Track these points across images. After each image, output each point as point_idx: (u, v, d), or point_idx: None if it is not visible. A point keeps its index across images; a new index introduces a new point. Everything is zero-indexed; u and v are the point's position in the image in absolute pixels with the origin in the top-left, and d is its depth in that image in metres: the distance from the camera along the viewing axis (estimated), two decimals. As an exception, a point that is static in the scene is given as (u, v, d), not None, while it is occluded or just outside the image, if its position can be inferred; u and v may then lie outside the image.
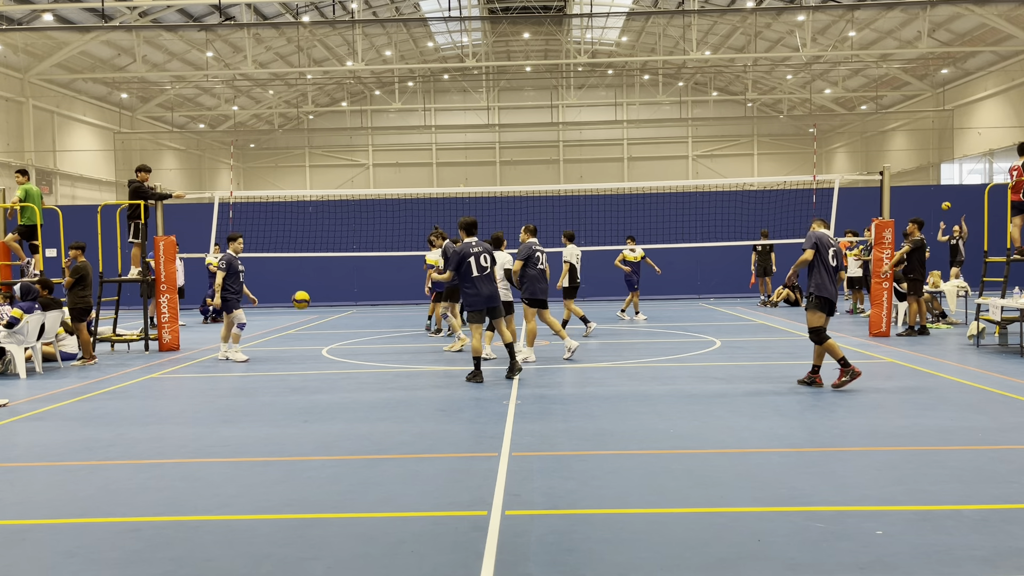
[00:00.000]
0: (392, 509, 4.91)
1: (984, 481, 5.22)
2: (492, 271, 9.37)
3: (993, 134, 34.16)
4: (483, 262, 9.29)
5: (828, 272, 8.53)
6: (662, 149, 48.70)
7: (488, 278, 9.32)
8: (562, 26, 39.68)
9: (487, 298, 9.31)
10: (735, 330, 14.63)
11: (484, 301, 9.29)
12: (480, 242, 9.45)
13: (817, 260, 8.54)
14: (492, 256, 9.41)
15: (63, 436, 7.12)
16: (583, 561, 4.05)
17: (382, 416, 7.64)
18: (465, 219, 9.51)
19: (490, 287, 9.33)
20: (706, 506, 4.85)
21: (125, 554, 4.27)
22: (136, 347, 13.88)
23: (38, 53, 32.82)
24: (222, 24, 28.05)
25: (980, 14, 29.61)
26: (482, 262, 9.29)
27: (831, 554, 4.06)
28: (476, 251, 9.27)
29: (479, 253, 9.28)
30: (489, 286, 9.32)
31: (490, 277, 9.34)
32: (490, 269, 9.33)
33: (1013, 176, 11.76)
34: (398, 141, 49.40)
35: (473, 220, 9.53)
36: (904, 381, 9.14)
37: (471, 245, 9.32)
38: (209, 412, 8.05)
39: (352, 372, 10.60)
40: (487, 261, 9.32)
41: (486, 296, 9.29)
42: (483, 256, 9.30)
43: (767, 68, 42.76)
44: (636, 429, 6.89)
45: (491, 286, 9.34)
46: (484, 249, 9.36)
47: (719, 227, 20.21)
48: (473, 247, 9.30)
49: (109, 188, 39.00)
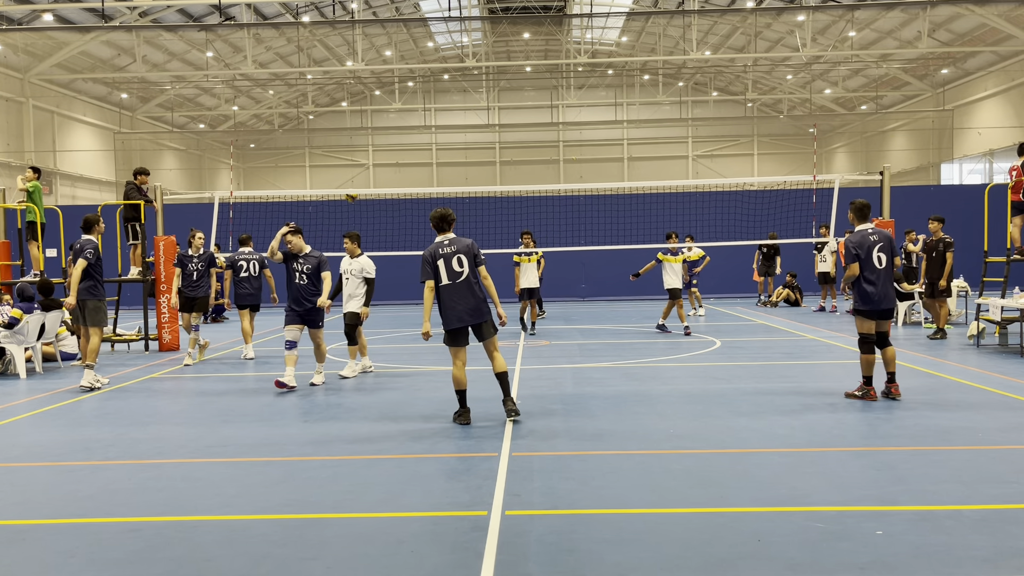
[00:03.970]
0: (392, 509, 4.90)
1: (984, 481, 5.22)
2: (471, 276, 7.22)
3: (993, 134, 34.15)
4: (456, 265, 7.18)
5: (873, 278, 7.80)
6: (662, 149, 48.70)
7: (465, 286, 7.18)
8: (562, 26, 39.68)
9: (461, 314, 7.17)
10: (735, 330, 14.63)
11: (455, 319, 7.17)
12: (457, 239, 7.31)
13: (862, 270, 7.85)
14: (471, 256, 7.25)
15: (63, 436, 7.12)
16: (583, 561, 4.05)
17: (382, 416, 7.64)
18: (435, 211, 7.42)
19: (467, 298, 7.18)
20: (706, 506, 4.85)
21: (125, 554, 4.27)
22: (136, 347, 13.89)
23: (38, 53, 32.81)
24: (222, 24, 28.04)
25: (980, 14, 29.61)
26: (455, 266, 7.18)
27: (831, 554, 4.06)
28: (446, 252, 7.21)
29: (450, 255, 7.20)
30: (466, 297, 7.18)
31: (467, 285, 7.19)
32: (467, 273, 7.20)
33: (1013, 176, 11.75)
34: (398, 141, 49.40)
35: (443, 212, 7.41)
36: (904, 381, 9.11)
37: (441, 245, 7.26)
38: (209, 412, 8.05)
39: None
40: (463, 264, 7.19)
41: (458, 312, 7.17)
42: (456, 258, 7.19)
43: (767, 68, 42.76)
44: (636, 429, 6.88)
45: (468, 297, 7.18)
46: (459, 248, 7.23)
47: (719, 227, 20.22)
48: (444, 247, 7.24)
49: (109, 188, 38.99)
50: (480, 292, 7.26)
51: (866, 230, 7.99)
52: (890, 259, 7.89)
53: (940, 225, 13.26)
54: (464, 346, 7.28)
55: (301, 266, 9.34)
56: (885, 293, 7.82)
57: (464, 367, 7.28)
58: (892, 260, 7.92)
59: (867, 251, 7.85)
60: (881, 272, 7.82)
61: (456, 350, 7.25)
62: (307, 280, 9.32)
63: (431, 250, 7.27)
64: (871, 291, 7.80)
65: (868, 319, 7.89)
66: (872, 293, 7.80)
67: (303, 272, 9.33)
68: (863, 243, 7.89)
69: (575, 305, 21.94)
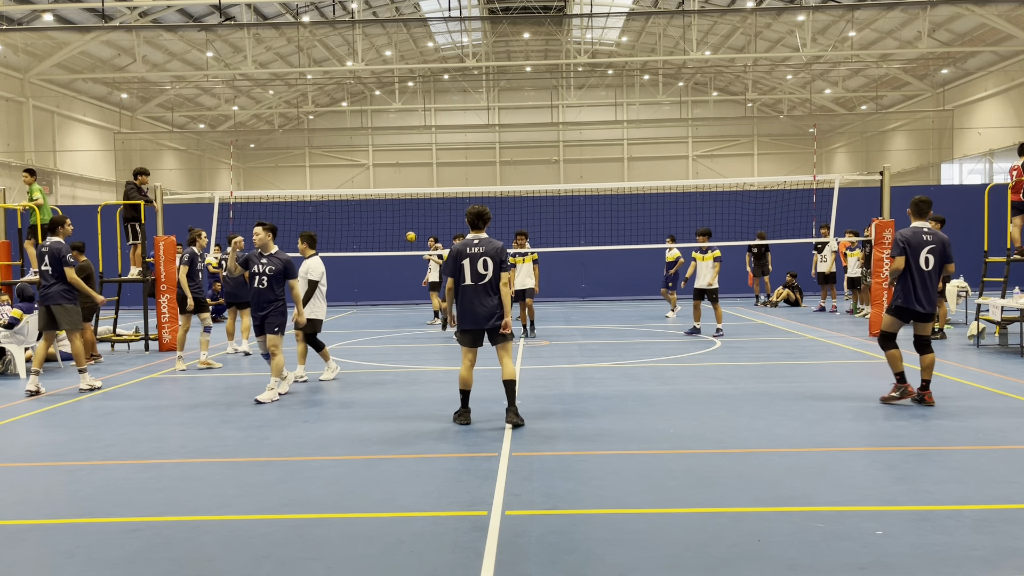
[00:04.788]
0: (392, 509, 4.90)
1: (984, 481, 5.22)
2: (492, 280, 7.14)
3: (993, 134, 34.16)
4: (481, 268, 7.10)
5: (918, 278, 7.53)
6: (662, 149, 48.70)
7: (485, 289, 7.11)
8: (562, 26, 39.69)
9: (479, 317, 7.12)
10: (735, 330, 14.62)
11: (472, 320, 7.13)
12: (487, 240, 7.21)
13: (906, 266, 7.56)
14: (498, 260, 7.15)
15: (63, 436, 7.12)
16: (583, 561, 4.05)
17: (382, 416, 7.64)
18: (472, 208, 7.36)
19: (486, 302, 7.11)
20: (706, 506, 4.85)
21: (125, 554, 4.27)
22: (136, 347, 13.89)
23: (38, 53, 32.82)
24: (222, 24, 28.05)
25: (980, 14, 29.61)
26: (479, 268, 7.10)
27: (831, 554, 4.06)
28: (473, 252, 7.13)
29: (477, 256, 7.12)
30: (484, 300, 7.11)
31: (488, 288, 7.12)
32: (491, 277, 7.12)
33: (1013, 176, 11.75)
34: (398, 141, 49.40)
35: (480, 209, 7.33)
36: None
37: (471, 244, 7.19)
38: (209, 412, 8.05)
39: (352, 372, 10.60)
40: (487, 267, 7.10)
41: (476, 314, 7.11)
42: (482, 260, 7.10)
43: (767, 68, 42.76)
44: (636, 429, 6.88)
45: (487, 301, 7.12)
46: (487, 251, 7.14)
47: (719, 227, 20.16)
48: (473, 247, 7.17)
49: (109, 188, 39.00)
50: (499, 298, 7.17)
51: (921, 227, 7.64)
52: (939, 264, 7.58)
53: (939, 226, 13.24)
54: (474, 347, 7.23)
55: (264, 267, 8.70)
56: (927, 296, 7.54)
57: (471, 368, 7.23)
58: (942, 266, 7.63)
59: (916, 249, 7.54)
60: (926, 274, 7.53)
61: (466, 349, 7.23)
62: (267, 284, 8.68)
63: (459, 247, 7.22)
64: (911, 291, 7.53)
65: (901, 319, 7.66)
66: (912, 293, 7.53)
67: (264, 274, 8.68)
68: (913, 240, 7.57)
69: (575, 305, 21.94)
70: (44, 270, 9.53)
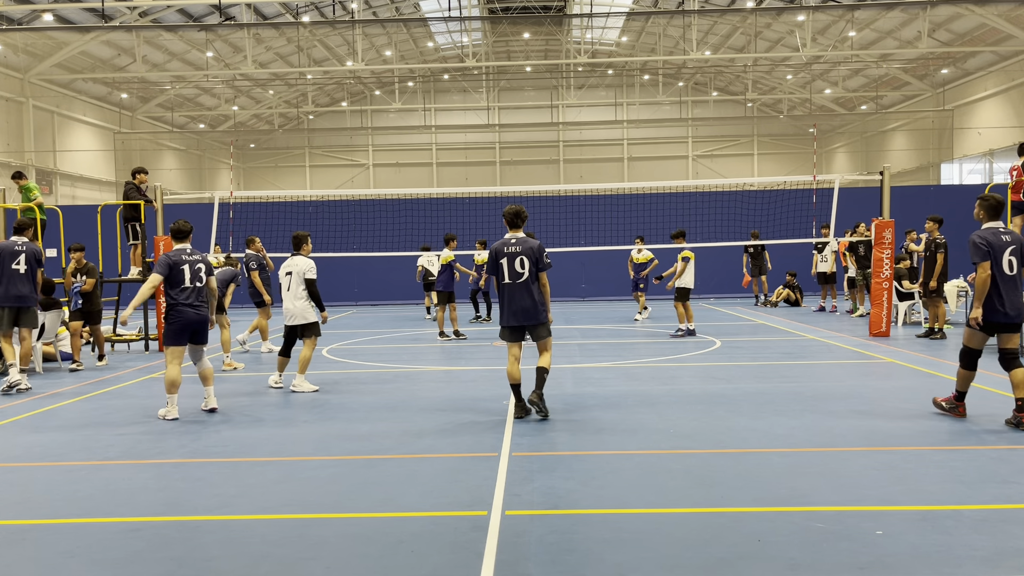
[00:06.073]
0: (392, 509, 4.90)
1: (984, 481, 5.22)
2: (530, 279, 7.39)
3: (993, 134, 34.15)
4: (518, 267, 7.36)
5: (1000, 283, 6.75)
6: (662, 149, 48.70)
7: (523, 287, 7.37)
8: (562, 26, 39.68)
9: (517, 313, 7.40)
10: (735, 330, 14.63)
11: (512, 316, 7.42)
12: (524, 240, 7.47)
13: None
14: (534, 259, 7.39)
15: (63, 436, 7.12)
16: (583, 561, 4.05)
17: (382, 416, 7.64)
18: (509, 207, 7.63)
19: (524, 299, 7.38)
20: (706, 506, 4.85)
21: (125, 554, 4.27)
22: (136, 347, 13.89)
23: (38, 53, 32.81)
24: (222, 24, 28.05)
25: (980, 14, 29.61)
26: (517, 267, 7.36)
27: (831, 554, 4.06)
28: (510, 251, 7.40)
29: (514, 255, 7.38)
30: (523, 297, 7.38)
31: (526, 286, 7.37)
32: (527, 275, 7.36)
33: (1013, 176, 11.74)
34: (398, 141, 49.40)
35: (517, 209, 7.58)
36: (904, 381, 9.14)
37: (508, 243, 7.45)
38: (209, 412, 8.04)
39: (352, 372, 10.60)
40: (523, 266, 7.35)
41: (515, 311, 7.40)
42: (519, 259, 7.36)
43: (767, 68, 42.76)
44: (636, 429, 6.88)
45: (526, 298, 7.38)
46: (523, 250, 7.39)
47: (719, 227, 20.21)
48: (510, 246, 7.44)
49: (109, 188, 39.00)
50: (538, 295, 7.44)
51: (997, 228, 6.93)
52: (1021, 265, 6.85)
53: (937, 226, 13.23)
54: (518, 342, 7.51)
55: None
56: (1013, 303, 6.76)
57: (518, 363, 7.46)
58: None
59: (999, 252, 6.77)
60: (1009, 278, 6.77)
61: (511, 345, 7.54)
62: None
63: (497, 246, 7.52)
64: (997, 299, 6.74)
65: (986, 332, 6.88)
66: (999, 302, 6.75)
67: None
68: (995, 242, 6.79)
69: (575, 305, 21.94)
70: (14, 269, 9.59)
